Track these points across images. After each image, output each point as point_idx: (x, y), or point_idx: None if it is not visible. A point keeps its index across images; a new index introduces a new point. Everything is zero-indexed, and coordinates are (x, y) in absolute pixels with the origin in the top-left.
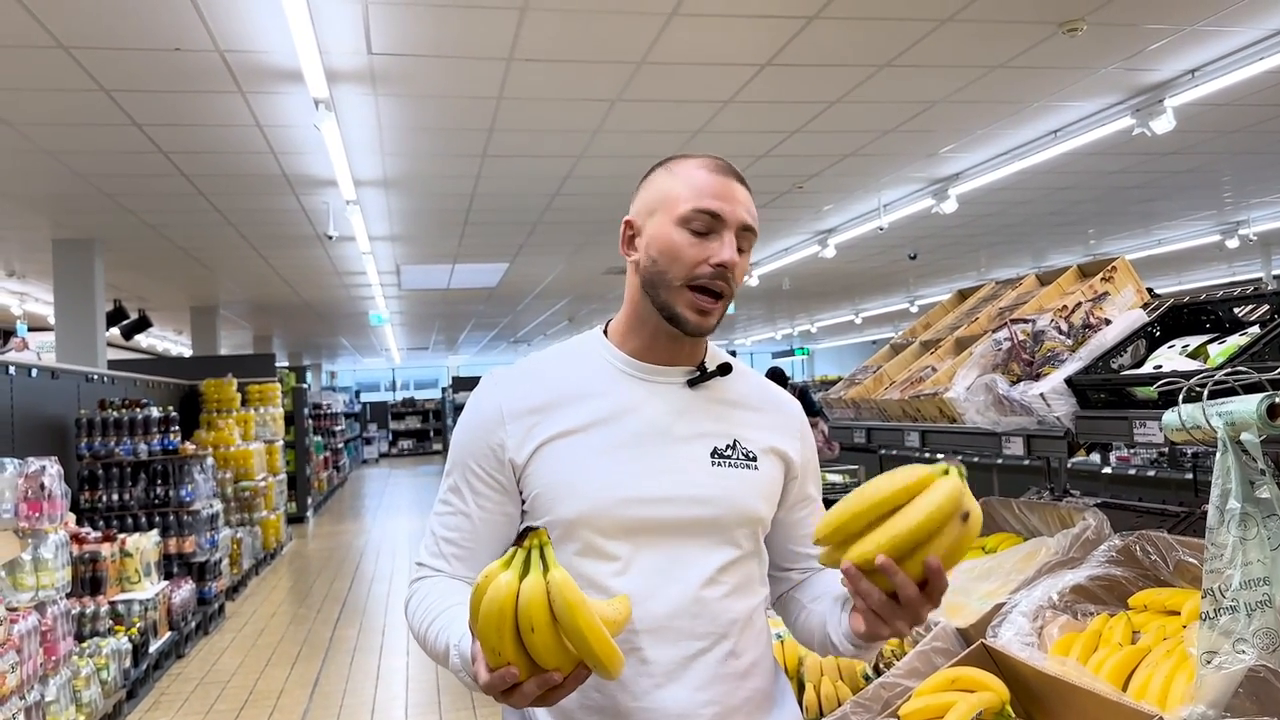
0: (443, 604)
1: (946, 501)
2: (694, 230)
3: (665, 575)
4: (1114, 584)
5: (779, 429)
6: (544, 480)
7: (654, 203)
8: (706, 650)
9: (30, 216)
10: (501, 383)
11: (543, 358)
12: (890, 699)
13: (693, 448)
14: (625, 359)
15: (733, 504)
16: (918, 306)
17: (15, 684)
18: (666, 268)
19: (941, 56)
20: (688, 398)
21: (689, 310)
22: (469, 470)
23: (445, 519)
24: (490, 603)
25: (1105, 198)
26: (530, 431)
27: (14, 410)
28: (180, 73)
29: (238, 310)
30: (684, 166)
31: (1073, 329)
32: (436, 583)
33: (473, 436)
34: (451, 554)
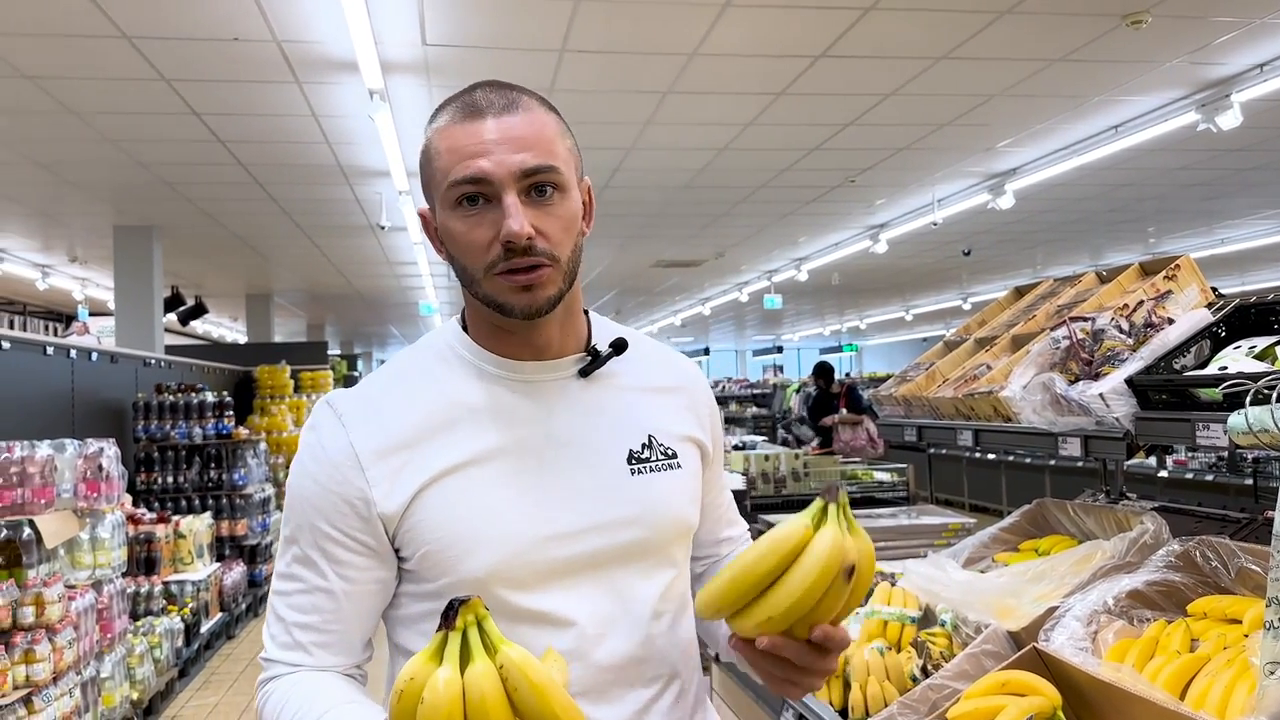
0: (315, 710)
1: (826, 568)
2: (467, 205)
3: (606, 621)
4: (1172, 590)
5: (690, 410)
6: (431, 535)
7: (427, 188)
8: (658, 696)
9: (93, 204)
10: (349, 415)
11: (394, 373)
12: (938, 701)
13: (604, 456)
14: (494, 359)
15: (662, 517)
16: (970, 304)
17: (72, 659)
18: (464, 261)
19: (1001, 49)
20: (584, 393)
21: (508, 296)
22: (321, 535)
23: (296, 599)
24: (431, 711)
25: (1167, 195)
26: (400, 475)
27: (74, 393)
28: (238, 62)
29: (291, 298)
30: (441, 124)
31: (1134, 328)
32: (296, 683)
33: (322, 491)
34: (311, 642)
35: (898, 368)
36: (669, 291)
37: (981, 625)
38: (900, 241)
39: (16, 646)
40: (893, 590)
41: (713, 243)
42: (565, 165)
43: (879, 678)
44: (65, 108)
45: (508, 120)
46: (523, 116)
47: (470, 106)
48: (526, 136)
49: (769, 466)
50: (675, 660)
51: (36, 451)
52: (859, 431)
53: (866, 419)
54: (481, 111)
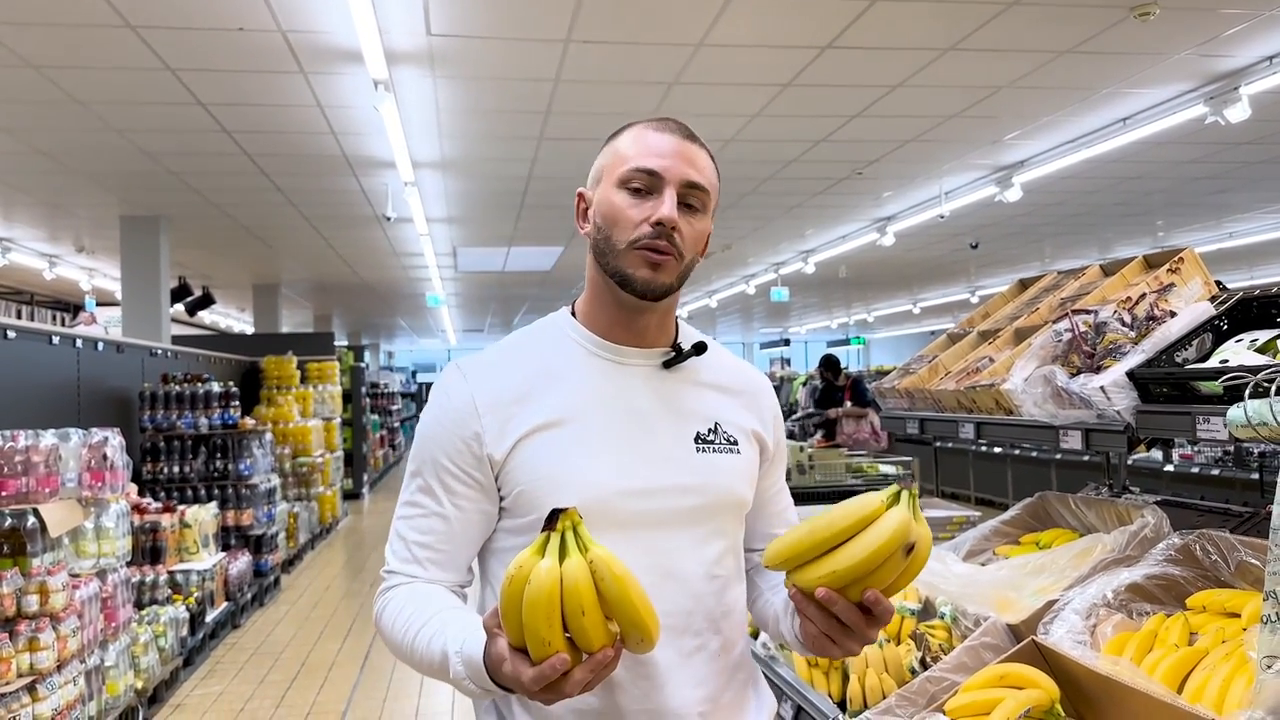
0: (428, 610)
1: (891, 538)
2: (633, 190)
3: (662, 572)
4: (1172, 584)
5: (754, 410)
6: (527, 477)
7: (601, 170)
8: (702, 646)
9: (99, 194)
10: (471, 373)
11: (511, 344)
12: (936, 693)
13: (675, 434)
14: (595, 340)
15: (720, 490)
16: (978, 297)
17: (76, 648)
18: (610, 232)
19: (1009, 40)
20: (665, 380)
21: (639, 268)
22: (442, 469)
23: (416, 522)
24: (536, 591)
25: (1175, 188)
26: (507, 425)
27: (80, 382)
28: (243, 52)
29: (298, 289)
30: (632, 129)
31: (1136, 321)
32: (414, 589)
33: (445, 432)
34: (427, 558)
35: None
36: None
37: (981, 618)
38: (908, 234)
39: (20, 635)
40: None
41: (719, 235)
42: (711, 196)
43: (878, 670)
44: (71, 98)
45: (688, 145)
46: (698, 149)
47: (665, 124)
48: (696, 162)
49: None
50: (719, 620)
51: (41, 440)
52: (863, 425)
53: (871, 412)
54: (673, 130)
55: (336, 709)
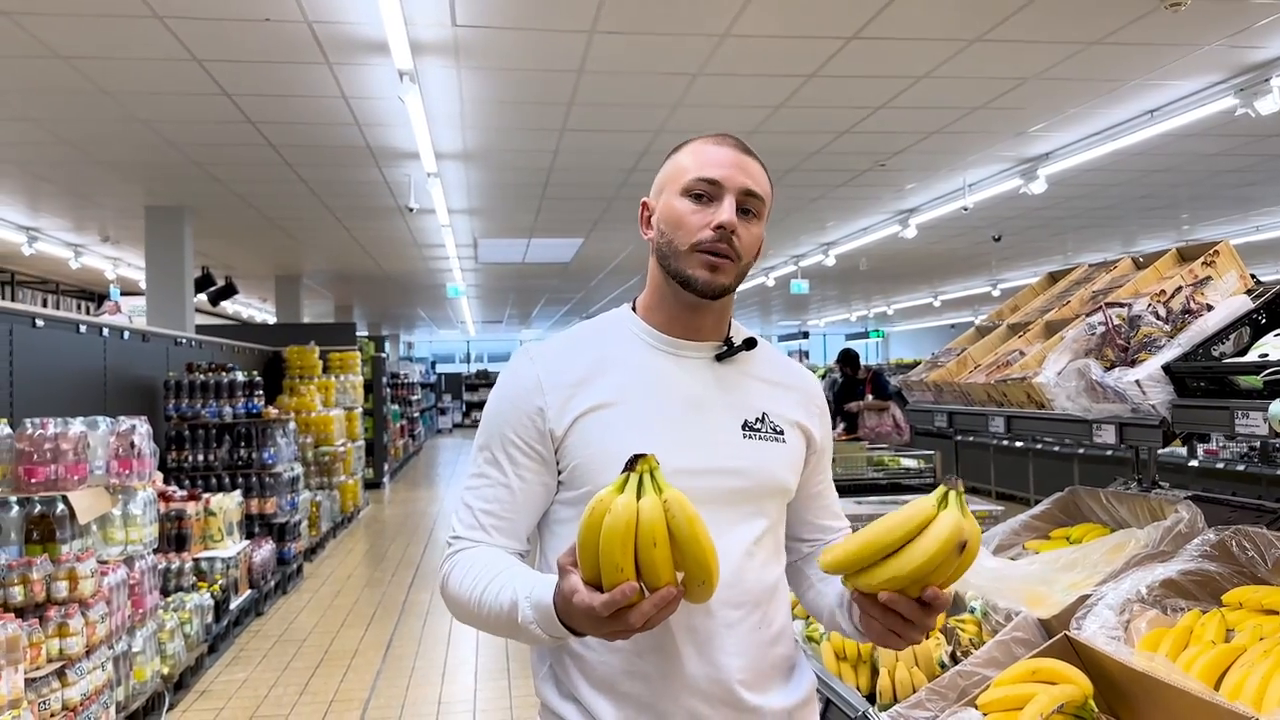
0: (496, 566)
1: (946, 542)
2: (696, 198)
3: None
4: (1207, 580)
5: (802, 405)
6: (583, 452)
7: (664, 181)
8: (742, 619)
9: (124, 184)
10: (538, 356)
11: (576, 332)
12: (967, 688)
13: (724, 420)
14: (654, 333)
15: (764, 475)
16: (1000, 290)
17: (104, 634)
18: (673, 236)
19: (1036, 31)
20: (716, 372)
21: (699, 270)
22: (508, 441)
23: (483, 491)
24: (614, 521)
25: (1202, 181)
26: (568, 403)
27: (107, 371)
28: (269, 43)
29: (320, 280)
30: (692, 144)
31: (1171, 314)
32: (479, 552)
33: (512, 407)
34: (491, 525)
35: (924, 354)
36: None
37: (1011, 613)
38: (930, 226)
39: (50, 620)
40: None
41: None
42: (766, 204)
43: (907, 664)
44: (98, 88)
45: (745, 159)
46: (755, 162)
47: (723, 138)
48: (753, 173)
49: None
50: (759, 595)
51: (70, 428)
52: (884, 418)
53: (892, 405)
54: (731, 144)
55: (360, 696)
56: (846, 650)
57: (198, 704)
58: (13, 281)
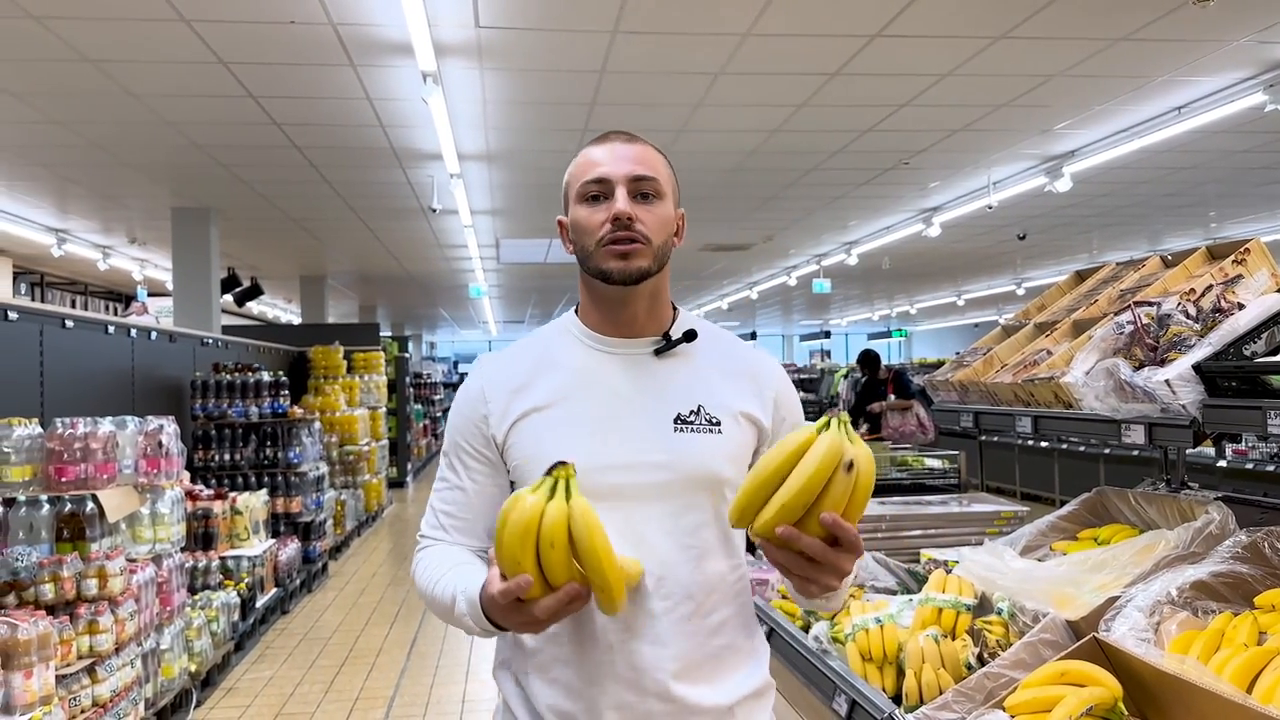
0: (445, 565)
1: (825, 459)
2: (592, 200)
3: (635, 539)
4: (1239, 581)
5: (751, 393)
6: (522, 453)
7: (565, 198)
8: (670, 610)
9: (151, 185)
10: (486, 365)
11: (524, 340)
12: (994, 689)
13: (654, 414)
14: (590, 334)
15: (692, 467)
16: (1025, 289)
17: (134, 631)
18: (582, 240)
19: (1062, 28)
20: (653, 366)
21: (610, 261)
22: (460, 448)
23: (443, 494)
24: (517, 517)
25: (1230, 179)
26: (508, 408)
27: (135, 371)
28: (294, 45)
29: (344, 280)
30: (578, 155)
31: (1201, 313)
32: (437, 550)
33: (461, 416)
34: (450, 525)
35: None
36: (716, 275)
37: (1039, 614)
38: (954, 225)
39: (81, 618)
40: (947, 578)
41: (762, 226)
42: (664, 183)
43: (934, 665)
44: (126, 90)
45: (629, 147)
46: (639, 147)
47: (604, 136)
48: (638, 157)
49: None
50: (694, 588)
51: (99, 428)
52: (908, 417)
53: (915, 404)
54: (613, 139)
55: (384, 694)
56: (872, 651)
57: (224, 701)
58: (42, 283)
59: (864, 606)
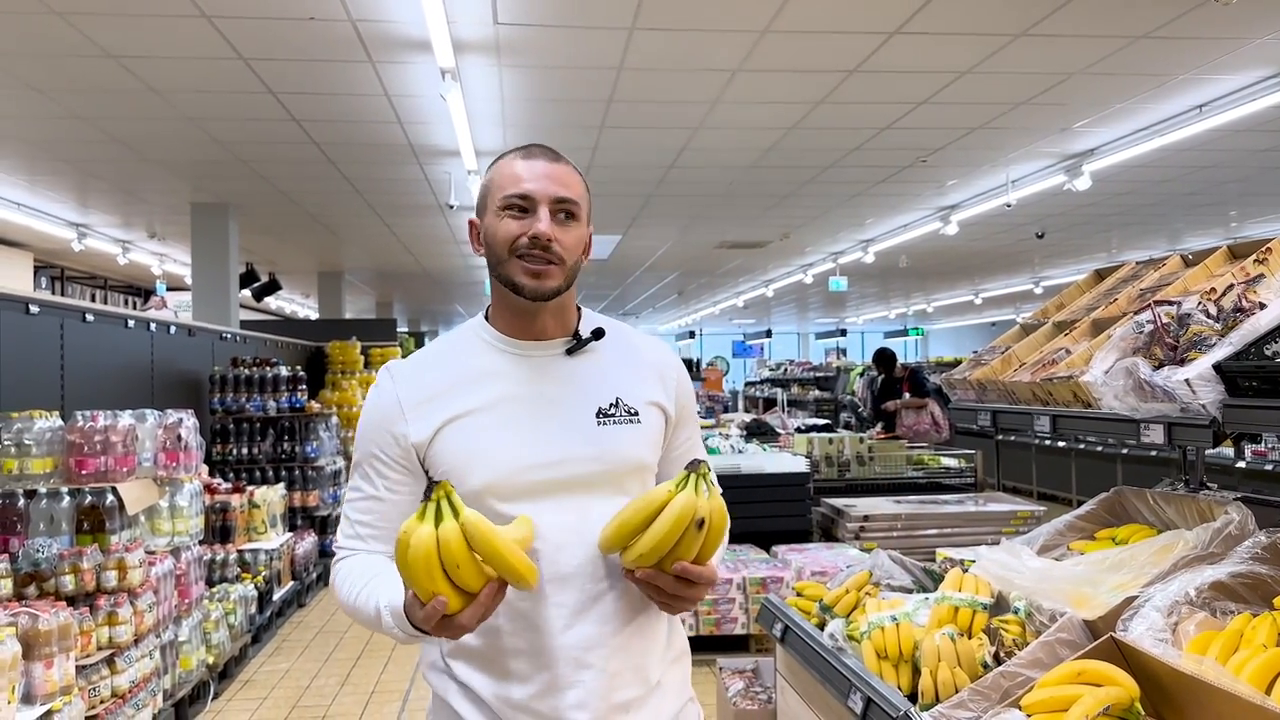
0: (366, 575)
1: (678, 519)
2: (512, 214)
3: (570, 529)
4: (1258, 582)
5: (655, 381)
6: (448, 460)
7: (482, 201)
8: (604, 593)
9: (171, 181)
10: (397, 376)
11: (434, 346)
12: (1011, 689)
13: (578, 411)
14: (502, 338)
15: (619, 457)
16: (1043, 288)
17: (152, 623)
18: (497, 248)
19: (1081, 25)
20: (568, 366)
21: (523, 277)
22: (374, 458)
23: (357, 504)
24: (415, 552)
25: (1251, 178)
26: (429, 417)
27: (154, 364)
28: (313, 42)
29: (362, 276)
30: (502, 161)
31: (1222, 313)
32: (357, 560)
33: (375, 427)
34: (368, 534)
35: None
36: (732, 273)
37: (1056, 614)
38: (972, 223)
39: (100, 609)
40: (964, 576)
41: (778, 224)
42: (583, 206)
43: (950, 663)
44: (147, 86)
45: (552, 166)
46: (563, 168)
47: (528, 152)
48: (563, 179)
49: (833, 450)
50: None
51: (119, 421)
52: (922, 416)
53: (931, 403)
54: (537, 155)
55: (400, 687)
56: (888, 650)
57: (242, 693)
58: (62, 277)
59: (880, 604)
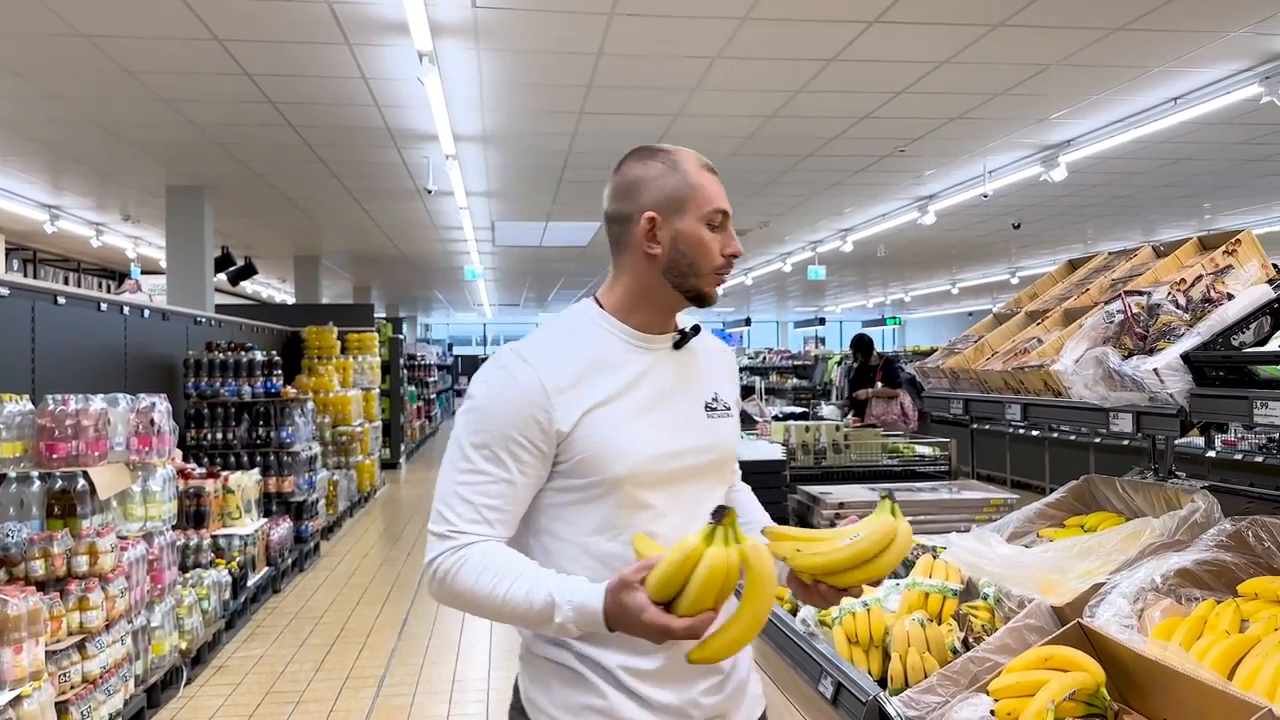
0: (517, 566)
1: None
2: (713, 227)
3: (691, 514)
4: (1223, 570)
5: (730, 379)
6: (591, 446)
7: (678, 201)
8: None
9: (146, 163)
10: (532, 359)
11: (554, 333)
12: (979, 673)
13: (691, 404)
14: (631, 332)
15: (724, 448)
16: (1018, 278)
17: (124, 608)
18: (698, 260)
19: (1059, 17)
20: (677, 360)
21: (712, 289)
22: (511, 441)
23: (483, 487)
24: (712, 572)
25: (1225, 170)
26: (573, 404)
27: (127, 348)
28: (290, 23)
29: (339, 261)
30: (689, 166)
31: (1191, 303)
32: (490, 547)
33: (514, 409)
34: (495, 519)
35: (941, 341)
36: None
37: (1025, 600)
38: (949, 213)
39: (71, 594)
40: (934, 563)
41: (757, 212)
42: None
43: (919, 649)
44: (121, 67)
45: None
46: None
47: (712, 166)
48: None
49: (809, 438)
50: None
51: (91, 405)
52: (892, 406)
53: (902, 393)
54: (715, 175)
55: (375, 674)
56: (859, 635)
57: (215, 679)
58: (35, 259)
59: None
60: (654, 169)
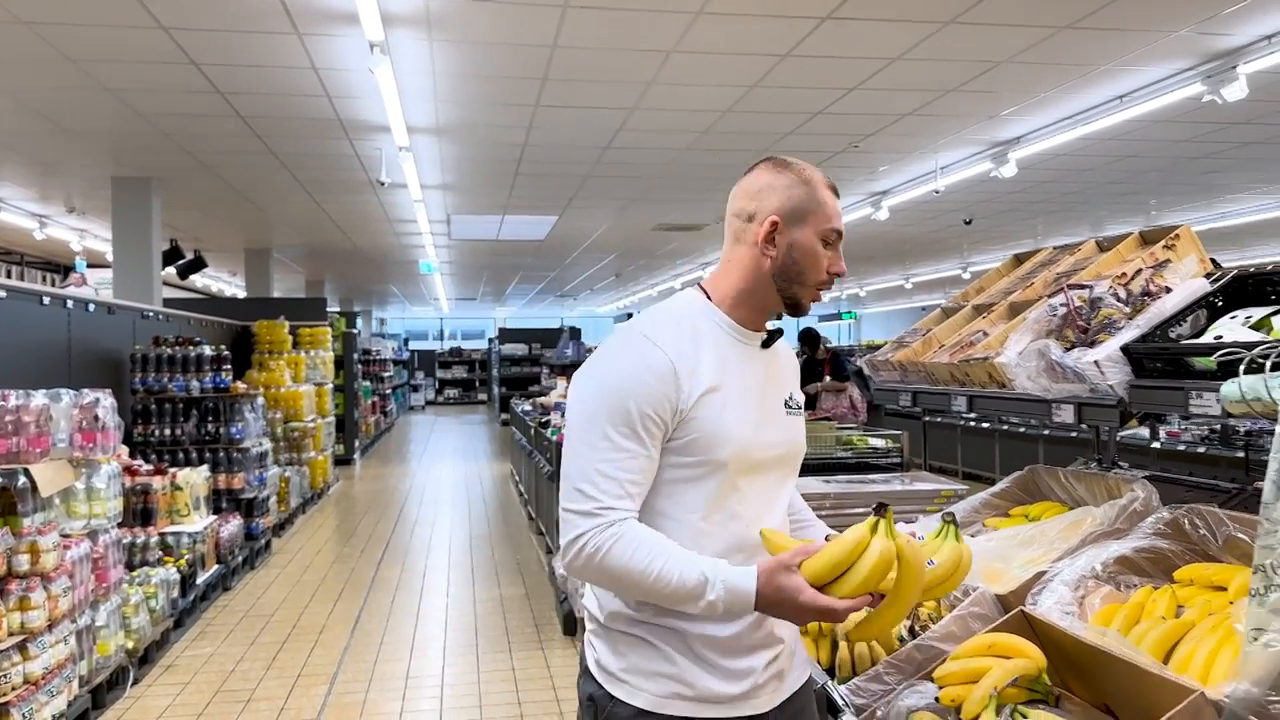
0: (668, 546)
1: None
2: (826, 244)
3: (766, 501)
4: (1160, 557)
5: (797, 382)
6: (702, 427)
7: (801, 213)
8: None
9: (91, 153)
10: (661, 342)
11: (670, 320)
12: (925, 661)
13: (776, 399)
14: (736, 327)
15: (800, 445)
16: (970, 273)
17: (67, 608)
18: (807, 270)
19: (1009, 14)
20: (764, 358)
21: (810, 301)
22: (646, 418)
23: (626, 463)
24: (883, 558)
25: (1170, 167)
26: (694, 386)
27: (71, 343)
28: (237, 11)
29: (291, 254)
30: (816, 183)
31: (1131, 296)
32: (639, 527)
33: (648, 387)
34: (637, 493)
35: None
36: (670, 255)
37: (970, 588)
38: (902, 209)
39: (11, 594)
40: None
41: (715, 207)
42: None
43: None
44: (63, 55)
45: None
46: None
47: (836, 191)
48: None
49: None
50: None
51: (31, 400)
52: (841, 399)
53: (850, 386)
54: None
55: (327, 671)
56: (808, 625)
57: (163, 678)
58: None
59: None
60: (785, 179)
